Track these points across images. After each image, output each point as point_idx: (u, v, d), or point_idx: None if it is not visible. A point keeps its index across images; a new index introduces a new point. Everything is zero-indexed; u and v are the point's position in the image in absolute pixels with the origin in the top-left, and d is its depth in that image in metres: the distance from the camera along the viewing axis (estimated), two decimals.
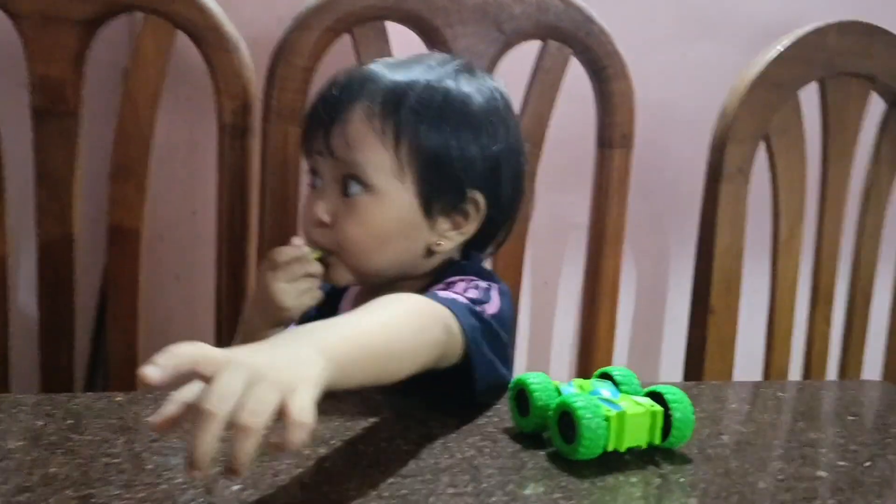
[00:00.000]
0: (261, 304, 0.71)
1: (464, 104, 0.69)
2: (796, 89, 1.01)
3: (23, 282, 1.02)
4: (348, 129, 0.68)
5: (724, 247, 1.01)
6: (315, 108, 0.71)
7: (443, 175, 0.68)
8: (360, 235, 0.69)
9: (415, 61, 0.72)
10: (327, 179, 0.70)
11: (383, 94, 0.68)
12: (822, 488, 0.54)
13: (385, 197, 0.68)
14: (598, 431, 0.53)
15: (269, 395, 0.40)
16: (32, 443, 0.52)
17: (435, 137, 0.68)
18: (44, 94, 0.90)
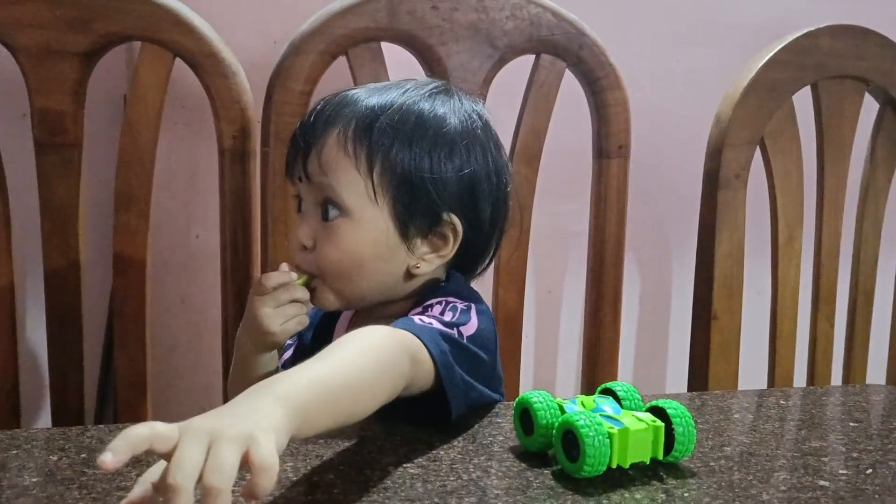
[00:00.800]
0: (249, 328, 0.71)
1: (437, 125, 0.69)
2: (790, 93, 1.02)
3: (30, 311, 1.04)
4: (323, 153, 0.69)
5: (724, 252, 1.01)
6: (294, 134, 0.72)
7: (416, 197, 0.68)
8: (338, 258, 0.69)
9: (394, 85, 0.72)
10: (308, 204, 0.71)
11: (357, 119, 0.69)
12: (825, 498, 0.54)
13: (361, 220, 0.69)
14: (602, 449, 0.53)
15: (230, 451, 0.41)
16: (48, 478, 0.53)
17: (407, 159, 0.68)
18: (45, 126, 0.92)
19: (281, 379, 0.49)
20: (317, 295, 0.71)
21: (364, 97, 0.70)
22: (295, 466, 0.56)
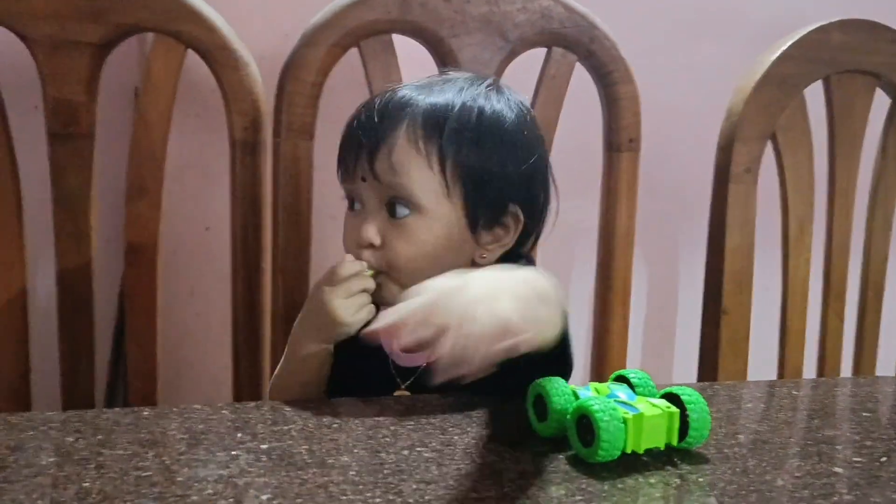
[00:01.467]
0: (315, 321, 0.71)
1: (499, 122, 0.71)
2: (802, 87, 1.02)
3: (42, 300, 1.04)
4: (394, 153, 0.69)
5: (734, 246, 1.01)
6: (353, 134, 0.72)
7: (486, 191, 0.71)
8: (412, 254, 0.70)
9: (445, 83, 0.73)
10: (371, 203, 0.71)
11: (423, 117, 0.70)
12: (839, 484, 0.54)
13: (433, 216, 0.70)
14: (617, 434, 0.54)
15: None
16: (64, 459, 0.53)
17: (477, 156, 0.70)
18: (58, 116, 0.92)
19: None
20: (382, 290, 0.71)
21: (423, 96, 0.71)
22: (310, 449, 0.56)
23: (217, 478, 0.51)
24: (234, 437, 0.57)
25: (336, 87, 0.98)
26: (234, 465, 0.53)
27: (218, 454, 0.54)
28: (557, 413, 0.58)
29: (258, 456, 0.54)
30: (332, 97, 0.98)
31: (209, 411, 0.62)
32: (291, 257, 0.96)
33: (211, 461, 0.53)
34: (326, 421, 0.61)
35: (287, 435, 0.58)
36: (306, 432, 0.59)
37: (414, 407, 0.66)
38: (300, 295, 0.97)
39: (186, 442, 0.56)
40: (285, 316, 0.96)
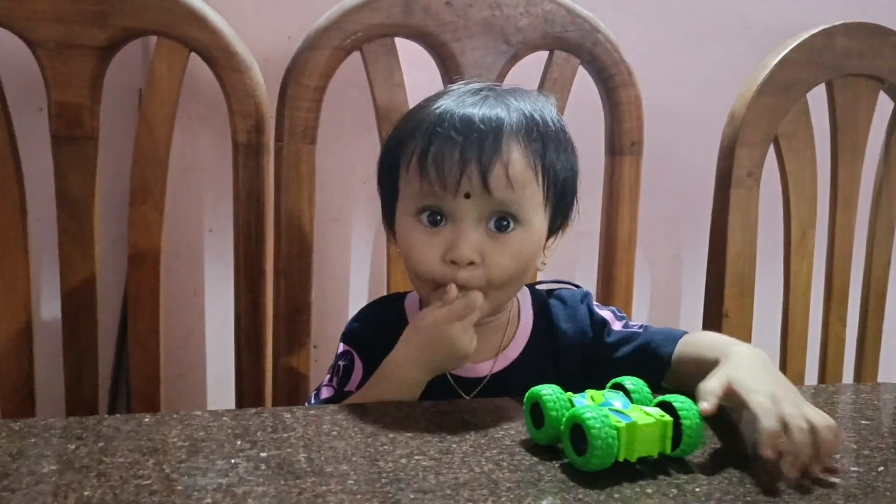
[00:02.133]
0: (435, 356, 0.69)
1: (562, 128, 0.73)
2: (805, 91, 1.02)
3: (45, 302, 1.05)
4: (511, 168, 0.67)
5: (736, 251, 1.01)
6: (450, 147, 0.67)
7: (566, 198, 0.73)
8: (514, 268, 0.69)
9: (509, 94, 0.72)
10: (469, 218, 0.68)
11: (525, 131, 0.69)
12: (836, 495, 0.54)
13: (532, 227, 0.70)
14: (609, 442, 0.54)
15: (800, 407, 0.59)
16: (66, 466, 0.54)
17: (560, 164, 0.71)
18: (62, 119, 0.92)
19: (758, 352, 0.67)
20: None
21: (505, 109, 0.69)
22: (309, 457, 0.56)
23: (216, 486, 0.51)
24: (234, 445, 0.58)
25: (338, 90, 0.98)
26: (233, 474, 0.53)
27: (217, 462, 0.55)
28: (553, 420, 0.58)
29: (257, 464, 0.55)
30: (334, 101, 0.99)
31: (209, 418, 0.63)
32: (294, 260, 0.97)
33: (210, 469, 0.54)
34: (326, 428, 0.62)
35: (286, 443, 0.59)
36: (305, 440, 0.60)
37: (412, 414, 0.67)
38: (302, 297, 0.97)
39: (186, 449, 0.57)
40: (287, 318, 0.97)
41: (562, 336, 0.76)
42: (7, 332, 0.94)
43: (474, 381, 0.74)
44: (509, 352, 0.75)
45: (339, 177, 1.12)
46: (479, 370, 0.74)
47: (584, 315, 0.77)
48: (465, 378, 0.74)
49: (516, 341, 0.76)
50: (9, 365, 0.94)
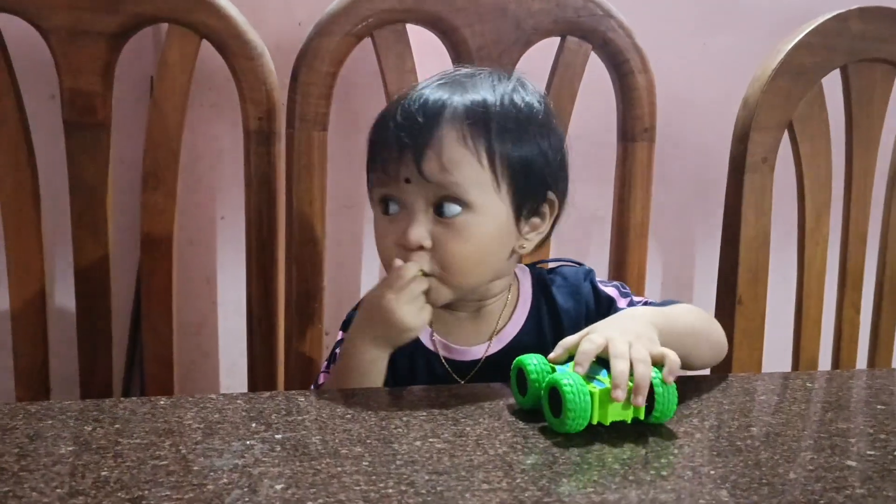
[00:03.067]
0: (380, 330, 0.70)
1: (534, 113, 0.73)
2: (819, 76, 1.01)
3: (60, 288, 1.05)
4: (444, 152, 0.69)
5: (750, 236, 1.01)
6: (390, 136, 0.71)
7: (531, 182, 0.72)
8: (467, 253, 0.70)
9: (471, 78, 0.73)
10: (416, 204, 0.70)
11: (467, 114, 0.70)
12: (852, 478, 0.54)
13: (484, 211, 0.70)
14: (583, 406, 0.57)
15: (643, 350, 0.60)
16: (83, 447, 0.54)
17: (522, 148, 0.71)
18: (74, 106, 0.93)
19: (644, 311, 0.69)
20: (431, 293, 0.71)
21: (458, 94, 0.71)
22: (323, 439, 0.56)
23: (232, 467, 0.51)
24: (249, 427, 0.58)
25: (350, 77, 0.98)
26: (248, 455, 0.53)
27: (233, 444, 0.55)
28: (534, 387, 0.61)
29: (272, 446, 0.55)
30: (345, 88, 0.99)
31: (224, 401, 0.63)
32: (305, 247, 0.97)
33: (226, 451, 0.54)
34: (339, 411, 0.62)
35: (301, 425, 0.59)
36: (320, 422, 0.60)
37: (426, 398, 0.67)
38: (314, 284, 0.97)
39: (202, 431, 0.57)
40: (299, 304, 0.97)
41: (563, 314, 0.77)
42: (22, 318, 0.95)
43: (469, 364, 0.75)
44: (505, 334, 0.76)
45: (350, 165, 1.11)
46: (473, 353, 0.75)
47: (588, 292, 0.78)
48: (458, 361, 0.75)
49: (513, 323, 0.76)
50: (23, 350, 0.95)
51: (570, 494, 0.50)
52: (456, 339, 0.76)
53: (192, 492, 0.48)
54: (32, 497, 0.47)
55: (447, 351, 0.76)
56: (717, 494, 0.51)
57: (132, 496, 0.47)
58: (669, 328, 0.67)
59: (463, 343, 0.76)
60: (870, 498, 0.51)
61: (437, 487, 0.50)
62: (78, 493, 0.48)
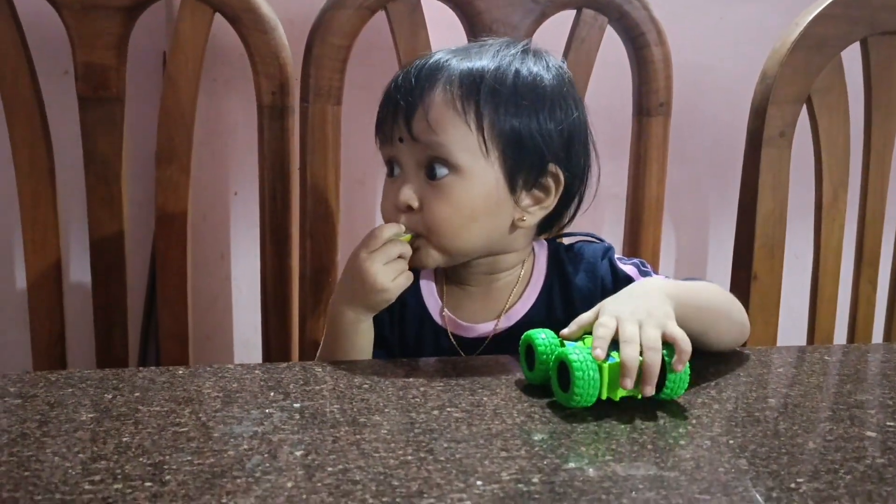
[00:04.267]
0: (356, 291, 0.70)
1: (535, 82, 0.71)
2: (839, 49, 0.99)
3: (75, 263, 1.06)
4: (431, 112, 0.69)
5: (766, 212, 1.00)
6: (390, 97, 0.72)
7: (525, 151, 0.71)
8: (450, 215, 0.70)
9: (481, 48, 0.73)
10: (409, 165, 0.71)
11: (460, 78, 0.70)
12: (872, 448, 0.54)
13: (471, 176, 0.70)
14: (591, 380, 0.56)
15: (655, 331, 0.59)
16: (103, 414, 0.54)
17: (515, 115, 0.70)
18: (88, 80, 0.93)
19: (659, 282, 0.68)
20: (420, 254, 0.71)
21: (459, 59, 0.71)
22: (342, 408, 0.57)
23: (252, 434, 0.52)
24: (268, 396, 0.58)
25: (364, 50, 0.98)
26: (268, 423, 0.54)
27: (252, 412, 0.55)
28: (543, 361, 0.61)
29: (291, 414, 0.55)
30: (359, 62, 0.98)
31: (242, 371, 0.63)
32: (319, 222, 0.97)
33: (245, 418, 0.54)
34: (357, 381, 0.62)
35: (319, 395, 0.59)
36: (337, 392, 0.60)
37: (443, 369, 0.67)
38: (328, 259, 0.97)
39: (221, 400, 0.57)
40: (313, 279, 0.97)
41: (576, 292, 0.76)
42: (38, 293, 0.95)
43: (476, 342, 0.75)
44: (515, 311, 0.75)
45: (363, 140, 1.10)
46: (480, 330, 0.75)
47: (606, 271, 0.76)
48: (465, 338, 0.75)
49: (524, 300, 0.76)
50: (40, 324, 0.96)
51: (588, 462, 0.50)
52: (465, 315, 0.76)
53: (213, 457, 0.48)
54: (55, 461, 0.48)
55: (455, 327, 0.75)
56: (736, 463, 0.51)
57: (153, 461, 0.48)
58: (686, 301, 0.65)
59: (471, 320, 0.75)
60: (890, 468, 0.51)
61: (456, 455, 0.50)
62: (100, 457, 0.48)
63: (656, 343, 0.58)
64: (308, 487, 0.45)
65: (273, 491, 0.45)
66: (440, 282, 0.77)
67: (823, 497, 0.47)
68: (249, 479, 0.46)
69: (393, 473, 0.47)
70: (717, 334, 0.70)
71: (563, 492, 0.46)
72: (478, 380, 0.63)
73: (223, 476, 0.46)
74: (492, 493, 0.45)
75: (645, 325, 0.59)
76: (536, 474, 0.48)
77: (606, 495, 0.46)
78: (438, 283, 0.77)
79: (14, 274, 1.08)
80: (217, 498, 0.44)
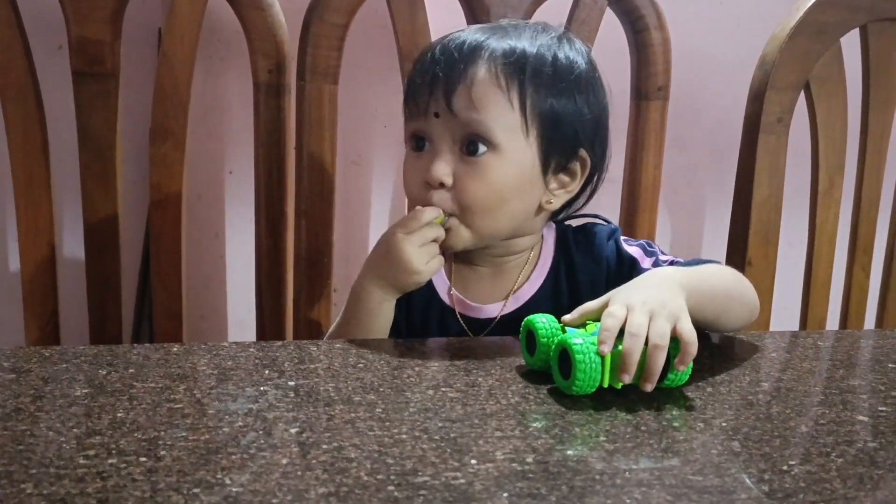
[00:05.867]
0: (388, 270, 0.70)
1: (573, 68, 0.71)
2: (839, 35, 0.99)
3: (69, 240, 1.05)
4: (474, 88, 0.68)
5: (762, 198, 1.00)
6: (426, 70, 0.70)
7: (561, 133, 0.71)
8: (485, 194, 0.69)
9: (516, 29, 0.72)
10: (443, 141, 0.70)
11: (504, 56, 0.69)
12: (864, 432, 0.54)
13: (509, 154, 0.69)
14: (592, 367, 0.56)
15: (665, 324, 0.57)
16: (98, 390, 0.54)
17: (555, 97, 0.70)
18: (83, 55, 0.92)
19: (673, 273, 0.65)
20: (451, 235, 0.71)
21: (497, 38, 0.70)
22: (336, 387, 0.57)
23: (247, 411, 0.52)
24: (262, 374, 0.58)
25: (361, 29, 0.97)
26: (262, 400, 0.54)
27: (247, 389, 0.55)
28: (544, 347, 0.60)
29: (286, 392, 0.55)
30: (356, 42, 0.97)
31: (237, 349, 0.63)
32: (315, 201, 0.96)
33: (240, 396, 0.54)
34: (351, 361, 0.62)
35: (314, 373, 0.59)
36: (332, 371, 0.60)
37: (437, 350, 0.67)
38: (323, 239, 0.97)
39: (216, 377, 0.57)
40: (308, 259, 0.97)
41: (581, 275, 0.76)
42: (32, 269, 0.95)
43: (484, 322, 0.75)
44: (522, 292, 0.75)
45: (360, 120, 1.11)
46: (488, 311, 0.75)
47: (612, 252, 0.76)
48: (473, 318, 0.75)
49: (532, 281, 0.76)
50: (34, 301, 0.95)
51: (582, 443, 0.51)
52: (473, 295, 0.75)
53: (208, 433, 0.48)
54: (49, 436, 0.48)
55: (463, 307, 0.75)
56: (728, 445, 0.51)
57: (148, 437, 0.48)
58: (700, 290, 0.64)
59: (480, 300, 0.75)
60: (881, 451, 0.51)
61: (451, 434, 0.50)
62: (94, 432, 0.48)
63: (664, 338, 0.56)
64: (302, 464, 0.45)
65: (268, 467, 0.45)
66: (448, 261, 0.76)
67: (815, 479, 0.47)
68: (244, 455, 0.46)
69: (387, 451, 0.47)
70: (729, 318, 0.70)
71: (556, 472, 0.46)
72: (472, 361, 0.63)
73: (218, 452, 0.46)
74: (486, 472, 0.46)
75: (656, 317, 0.57)
76: (531, 454, 0.48)
77: (600, 476, 0.46)
78: (447, 262, 0.77)
79: (7, 251, 1.07)
80: (212, 474, 0.44)
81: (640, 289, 0.61)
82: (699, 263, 0.72)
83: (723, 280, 0.70)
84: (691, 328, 0.58)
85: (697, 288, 0.64)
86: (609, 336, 0.57)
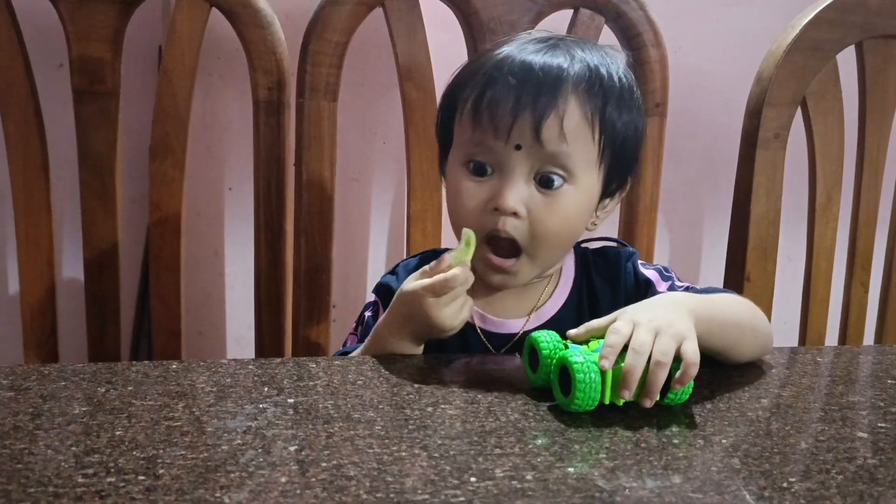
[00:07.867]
0: (417, 330, 0.67)
1: (630, 87, 0.69)
2: (835, 52, 1.00)
3: (68, 258, 1.05)
4: (566, 121, 0.65)
5: (760, 213, 1.00)
6: (505, 95, 0.65)
7: (625, 160, 0.69)
8: (560, 227, 0.67)
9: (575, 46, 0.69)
10: (517, 171, 0.66)
11: (586, 83, 0.66)
12: (864, 448, 0.54)
13: (582, 185, 0.67)
14: (592, 385, 0.56)
15: (670, 342, 0.57)
16: (96, 408, 0.54)
17: (624, 125, 0.68)
18: (83, 74, 0.92)
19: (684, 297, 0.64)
20: (519, 271, 0.69)
21: (569, 57, 0.66)
22: (336, 404, 0.57)
23: (246, 429, 0.52)
24: (261, 392, 0.58)
25: (360, 47, 0.98)
26: (261, 418, 0.53)
27: (246, 407, 0.55)
28: (546, 364, 0.60)
29: (285, 409, 0.55)
30: (355, 60, 0.98)
31: (235, 366, 0.63)
32: (314, 218, 0.97)
33: (239, 413, 0.54)
34: (351, 378, 0.62)
35: (313, 390, 0.59)
36: (331, 388, 0.60)
37: (436, 367, 0.67)
38: (322, 256, 0.97)
39: (214, 395, 0.57)
40: (307, 276, 0.97)
41: (601, 296, 0.75)
42: (31, 288, 0.95)
43: (504, 338, 0.74)
44: (545, 310, 0.74)
45: (359, 137, 1.11)
46: (510, 326, 0.74)
47: (629, 275, 0.75)
48: (493, 333, 0.74)
49: (554, 300, 0.75)
50: (33, 319, 0.95)
51: (582, 460, 0.50)
52: (494, 310, 0.74)
53: (207, 451, 0.48)
54: (48, 454, 0.47)
55: (483, 322, 0.74)
56: (728, 462, 0.51)
57: (147, 455, 0.48)
58: (710, 317, 0.63)
59: (501, 315, 0.74)
60: (881, 468, 0.51)
61: (450, 451, 0.50)
62: (93, 451, 0.48)
63: (667, 355, 0.56)
64: (302, 483, 0.45)
65: (266, 486, 0.45)
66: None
67: (815, 497, 0.47)
68: (243, 473, 0.46)
69: (387, 469, 0.47)
70: (741, 350, 0.68)
71: (556, 489, 0.46)
72: (471, 378, 0.63)
73: (217, 470, 0.46)
74: (485, 490, 0.46)
75: (662, 335, 0.57)
76: (530, 471, 0.48)
77: (600, 493, 0.46)
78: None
79: (6, 268, 1.07)
80: (210, 492, 0.44)
81: (648, 308, 0.61)
82: (715, 292, 0.71)
83: (735, 311, 0.68)
84: (696, 350, 0.57)
85: (707, 315, 0.63)
86: (612, 352, 0.56)
